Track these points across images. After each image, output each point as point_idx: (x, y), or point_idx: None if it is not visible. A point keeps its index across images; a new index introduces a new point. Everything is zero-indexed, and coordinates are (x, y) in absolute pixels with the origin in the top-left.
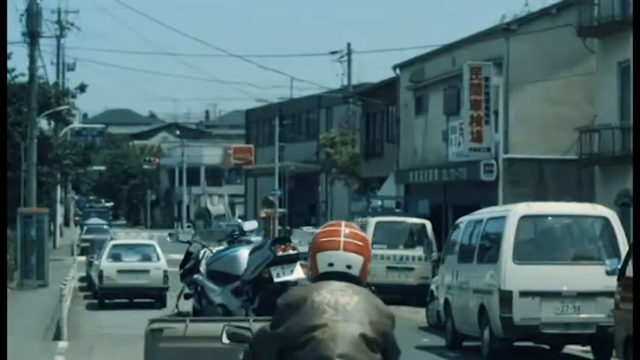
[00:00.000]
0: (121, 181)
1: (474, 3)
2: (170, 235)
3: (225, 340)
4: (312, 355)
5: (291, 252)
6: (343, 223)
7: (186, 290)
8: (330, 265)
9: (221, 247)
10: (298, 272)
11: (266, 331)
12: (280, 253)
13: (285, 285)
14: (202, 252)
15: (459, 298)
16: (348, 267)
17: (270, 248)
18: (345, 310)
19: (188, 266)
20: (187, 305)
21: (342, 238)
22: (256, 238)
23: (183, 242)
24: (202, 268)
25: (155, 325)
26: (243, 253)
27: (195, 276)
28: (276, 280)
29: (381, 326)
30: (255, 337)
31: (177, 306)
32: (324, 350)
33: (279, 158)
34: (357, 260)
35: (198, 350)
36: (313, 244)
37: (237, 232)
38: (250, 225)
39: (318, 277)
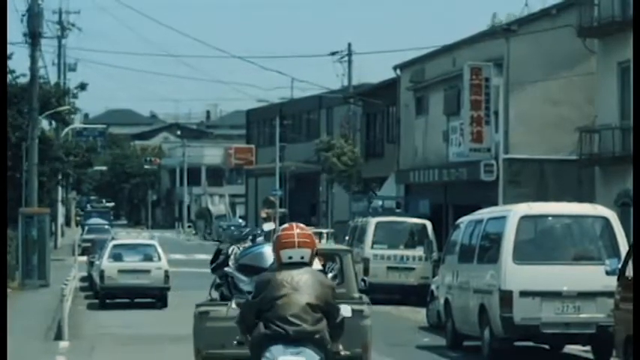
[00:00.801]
0: (122, 181)
1: (473, 3)
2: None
3: (234, 305)
4: (275, 314)
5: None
6: (295, 225)
7: (218, 281)
8: (290, 257)
9: (246, 245)
10: (317, 264)
11: (249, 301)
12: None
13: None
14: (231, 249)
15: (460, 298)
16: (302, 258)
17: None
18: (297, 286)
19: (219, 261)
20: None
21: (295, 239)
22: (259, 238)
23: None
24: (231, 262)
25: (202, 309)
26: (268, 250)
27: (226, 269)
28: None
29: (323, 295)
30: (243, 304)
31: (210, 294)
32: (282, 312)
33: (280, 158)
34: (307, 252)
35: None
36: (276, 243)
37: (258, 233)
38: (268, 226)
39: (282, 265)
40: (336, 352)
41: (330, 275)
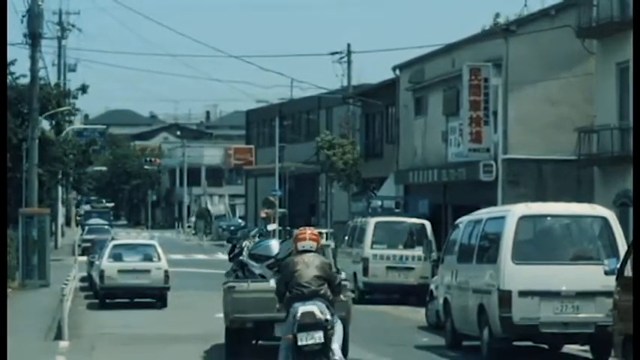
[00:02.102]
0: (122, 182)
1: (473, 4)
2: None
3: (272, 284)
4: (295, 282)
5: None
6: (307, 228)
7: (234, 267)
8: (303, 247)
9: (257, 240)
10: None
11: (280, 276)
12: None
13: None
14: (244, 243)
15: (459, 298)
16: (311, 247)
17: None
18: (308, 264)
19: (236, 252)
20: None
21: (307, 236)
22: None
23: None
24: (245, 252)
25: (230, 284)
26: (274, 243)
27: (241, 258)
28: None
29: (324, 269)
30: (277, 280)
31: (225, 275)
32: (299, 280)
33: (280, 159)
34: (314, 244)
35: (256, 299)
36: (295, 238)
37: (265, 230)
38: (272, 226)
39: (298, 251)
40: (339, 300)
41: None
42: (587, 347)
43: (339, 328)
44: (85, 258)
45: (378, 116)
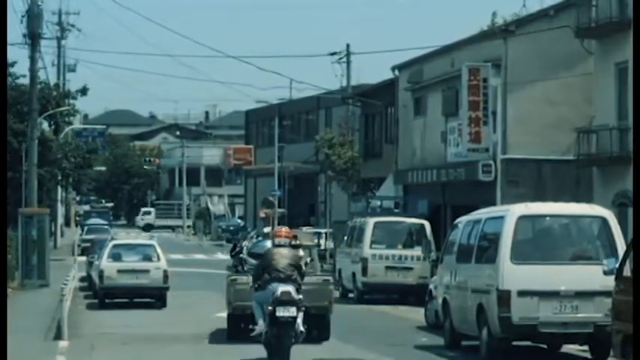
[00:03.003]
0: (122, 182)
1: (472, 4)
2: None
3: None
4: (273, 268)
5: (303, 241)
6: (283, 228)
7: (234, 263)
8: (279, 242)
9: (254, 240)
10: (301, 253)
11: (259, 263)
12: (293, 242)
13: None
14: (244, 243)
15: (458, 298)
16: (285, 242)
17: (289, 243)
18: (283, 255)
19: (237, 251)
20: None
21: (283, 234)
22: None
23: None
24: (244, 251)
25: (232, 278)
26: (269, 243)
27: (241, 255)
28: None
29: (294, 259)
30: (256, 265)
31: (226, 269)
32: (276, 266)
33: (279, 159)
34: (287, 240)
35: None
36: (275, 235)
37: (262, 232)
38: (267, 229)
39: (275, 245)
40: (301, 283)
41: (308, 259)
42: (586, 347)
43: (302, 307)
44: (84, 258)
45: (377, 116)
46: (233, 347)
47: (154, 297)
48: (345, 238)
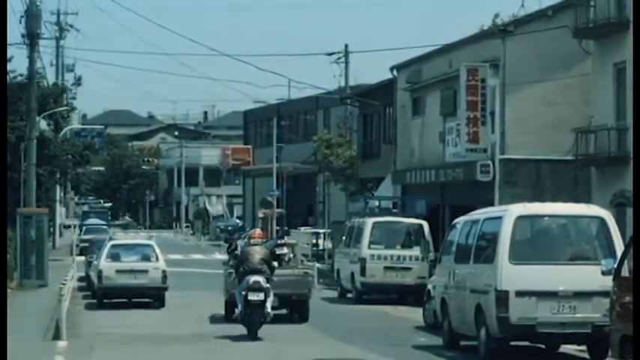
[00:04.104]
0: (120, 182)
1: (470, 4)
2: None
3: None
4: (248, 262)
5: (287, 241)
6: (256, 230)
7: (230, 257)
8: (254, 242)
9: (246, 240)
10: (285, 250)
11: (238, 258)
12: (279, 242)
13: (281, 254)
14: (239, 242)
15: (456, 298)
16: (257, 242)
17: (276, 241)
18: (256, 252)
19: (233, 248)
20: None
21: (256, 235)
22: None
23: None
24: (239, 248)
25: (230, 271)
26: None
27: (236, 252)
28: (277, 252)
29: (266, 256)
30: (236, 261)
31: (223, 264)
32: (251, 261)
33: (277, 159)
34: (259, 240)
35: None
36: (249, 237)
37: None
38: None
39: (251, 244)
40: (272, 275)
41: (291, 255)
42: (584, 347)
43: (271, 293)
44: (83, 258)
45: (375, 117)
46: (233, 347)
47: (152, 297)
48: (344, 238)
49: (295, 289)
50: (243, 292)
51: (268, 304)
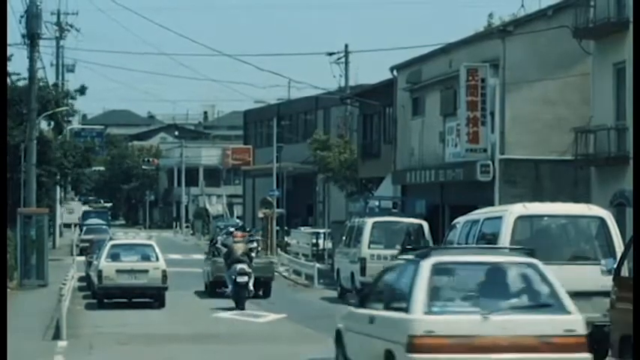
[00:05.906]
0: (121, 182)
1: (470, 4)
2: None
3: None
4: (233, 254)
5: (255, 238)
6: (239, 232)
7: (211, 249)
8: (237, 240)
9: (224, 236)
10: (254, 244)
11: (226, 252)
12: (251, 239)
13: (252, 247)
14: (218, 238)
15: None
16: (239, 240)
17: (249, 238)
18: (239, 247)
19: (214, 242)
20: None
21: (239, 235)
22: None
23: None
24: (219, 242)
25: (213, 259)
26: (232, 238)
27: (217, 245)
28: (249, 246)
29: (247, 250)
30: (225, 253)
31: (204, 253)
32: (236, 253)
33: (277, 159)
34: (241, 238)
35: (223, 266)
36: (234, 235)
37: (228, 231)
38: (232, 229)
39: (235, 241)
40: (250, 264)
41: (259, 248)
42: None
43: (252, 276)
44: (83, 258)
45: (375, 117)
46: (233, 347)
47: (152, 297)
48: (344, 238)
49: (262, 273)
50: (233, 276)
51: (250, 284)
